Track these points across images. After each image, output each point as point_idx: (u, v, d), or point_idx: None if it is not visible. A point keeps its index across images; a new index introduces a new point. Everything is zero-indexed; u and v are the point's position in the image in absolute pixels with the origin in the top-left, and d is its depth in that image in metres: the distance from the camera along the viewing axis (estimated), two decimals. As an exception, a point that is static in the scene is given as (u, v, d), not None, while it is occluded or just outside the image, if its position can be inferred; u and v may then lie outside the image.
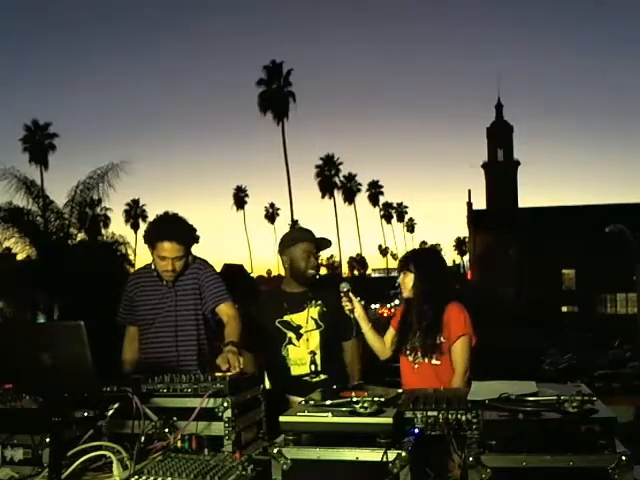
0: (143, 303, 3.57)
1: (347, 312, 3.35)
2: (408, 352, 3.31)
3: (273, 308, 3.69)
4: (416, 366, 3.27)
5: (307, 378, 3.54)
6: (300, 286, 3.66)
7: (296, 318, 3.62)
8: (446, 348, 3.24)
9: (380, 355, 3.48)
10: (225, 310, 3.48)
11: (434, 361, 3.24)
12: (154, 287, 3.55)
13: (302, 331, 3.60)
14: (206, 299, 3.51)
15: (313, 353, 3.57)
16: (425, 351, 3.24)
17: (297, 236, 3.71)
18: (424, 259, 3.44)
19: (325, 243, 3.74)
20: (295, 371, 3.59)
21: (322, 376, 3.53)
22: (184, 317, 3.51)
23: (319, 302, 3.63)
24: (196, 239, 3.54)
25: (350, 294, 3.34)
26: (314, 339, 3.59)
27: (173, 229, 3.44)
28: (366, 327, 3.40)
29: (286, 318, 3.63)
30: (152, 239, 3.45)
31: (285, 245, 3.68)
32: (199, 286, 3.51)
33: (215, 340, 3.54)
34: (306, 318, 3.61)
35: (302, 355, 3.59)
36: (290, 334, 3.61)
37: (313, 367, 3.56)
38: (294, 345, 3.61)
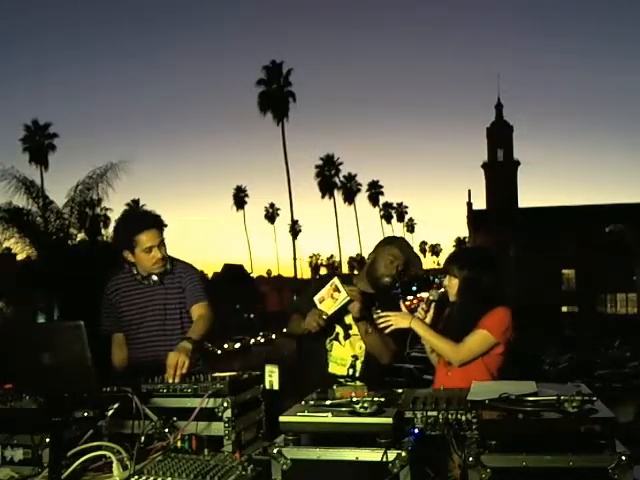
0: (128, 306, 3.53)
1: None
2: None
3: None
4: (449, 373, 3.10)
5: (342, 380, 3.44)
6: (369, 287, 3.52)
7: (350, 317, 3.49)
8: None
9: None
10: (196, 310, 3.47)
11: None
12: (138, 288, 3.52)
13: (351, 332, 3.50)
14: (186, 299, 3.53)
15: (355, 357, 3.48)
16: None
17: (393, 241, 3.58)
18: (469, 262, 3.17)
19: (416, 263, 3.54)
20: (333, 369, 3.51)
21: (358, 383, 3.41)
22: (171, 314, 3.50)
23: (378, 310, 3.41)
24: (164, 223, 3.57)
25: (432, 306, 3.17)
26: (361, 344, 3.49)
27: (147, 218, 3.48)
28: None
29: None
30: (131, 236, 3.40)
31: (380, 243, 3.59)
32: (182, 288, 3.52)
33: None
34: None
35: (345, 356, 3.50)
36: (339, 329, 3.51)
37: (351, 371, 3.47)
38: (339, 343, 3.52)
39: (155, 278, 3.49)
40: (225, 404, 2.41)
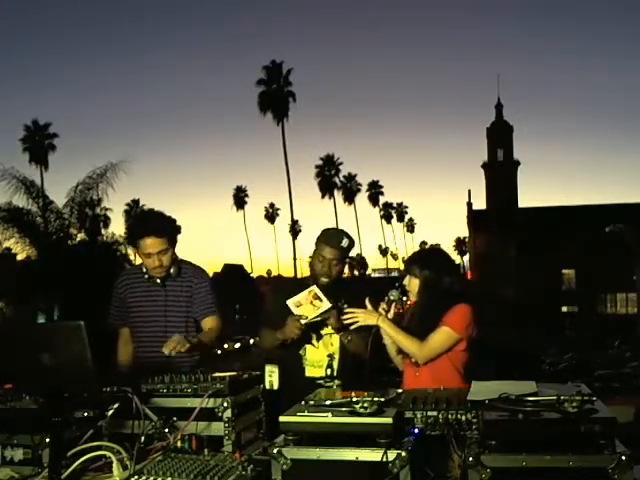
0: (134, 303, 3.58)
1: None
2: (412, 358, 3.17)
3: None
4: (417, 374, 3.15)
5: (321, 382, 3.34)
6: (323, 286, 3.47)
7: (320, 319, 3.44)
8: None
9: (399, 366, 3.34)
10: (208, 323, 3.55)
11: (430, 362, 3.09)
12: (144, 287, 3.56)
13: (323, 332, 3.49)
14: (195, 309, 3.56)
15: (331, 357, 3.48)
16: None
17: (321, 239, 3.55)
18: (429, 262, 3.24)
19: (342, 262, 3.53)
20: (310, 372, 3.50)
21: (337, 382, 3.33)
22: (174, 318, 3.52)
23: (345, 305, 3.42)
24: (177, 230, 3.58)
25: (392, 306, 3.18)
26: (334, 343, 3.49)
27: (151, 224, 3.50)
28: (388, 340, 3.23)
29: None
30: (134, 238, 3.49)
31: (315, 243, 3.57)
32: (192, 294, 3.54)
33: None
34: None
35: (320, 357, 3.50)
36: (310, 333, 3.49)
37: (329, 371, 3.45)
38: (313, 346, 3.51)
39: (158, 281, 3.51)
40: (225, 404, 2.41)
